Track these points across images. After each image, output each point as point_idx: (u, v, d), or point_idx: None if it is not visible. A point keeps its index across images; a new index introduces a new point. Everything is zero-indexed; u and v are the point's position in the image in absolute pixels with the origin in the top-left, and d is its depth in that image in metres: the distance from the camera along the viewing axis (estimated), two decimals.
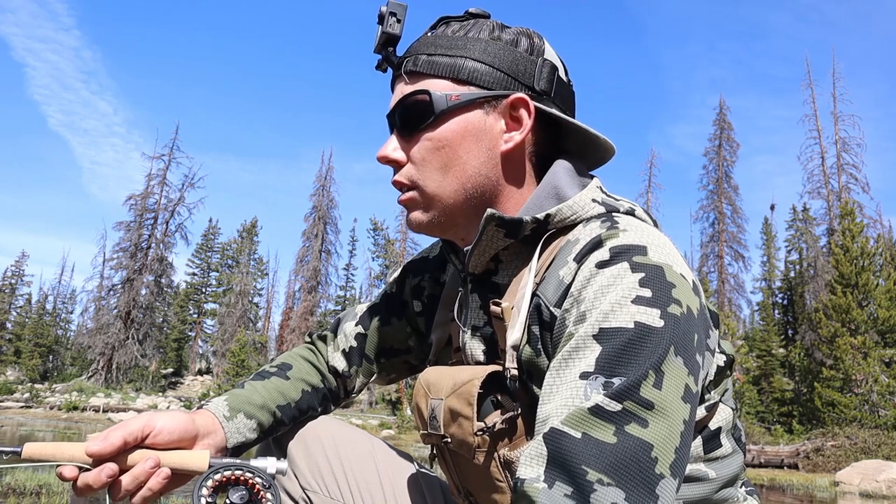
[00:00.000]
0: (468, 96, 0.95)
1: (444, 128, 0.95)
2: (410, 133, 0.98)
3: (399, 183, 1.00)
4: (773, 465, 16.28)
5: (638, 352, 0.76)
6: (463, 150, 0.95)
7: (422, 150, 0.97)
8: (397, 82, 1.00)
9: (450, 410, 0.93)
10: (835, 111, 32.49)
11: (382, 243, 42.49)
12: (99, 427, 18.21)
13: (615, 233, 0.87)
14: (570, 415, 0.74)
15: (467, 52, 0.95)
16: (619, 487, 0.69)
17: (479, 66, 0.95)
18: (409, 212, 1.01)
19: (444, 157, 0.96)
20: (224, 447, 1.04)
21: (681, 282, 0.82)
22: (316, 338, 1.30)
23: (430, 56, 0.96)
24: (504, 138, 0.97)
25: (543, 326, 0.89)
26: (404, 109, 0.97)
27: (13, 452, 0.86)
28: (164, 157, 38.41)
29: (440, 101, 0.94)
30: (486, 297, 0.99)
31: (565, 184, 0.97)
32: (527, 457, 0.74)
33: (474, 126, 0.96)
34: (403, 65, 0.98)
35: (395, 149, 0.99)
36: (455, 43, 0.96)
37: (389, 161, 1.00)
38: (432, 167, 0.96)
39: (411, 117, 0.97)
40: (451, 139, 0.95)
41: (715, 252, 35.27)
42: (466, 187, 0.96)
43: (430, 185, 0.97)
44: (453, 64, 0.95)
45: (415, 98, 0.96)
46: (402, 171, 0.99)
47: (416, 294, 1.22)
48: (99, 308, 37.42)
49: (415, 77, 0.97)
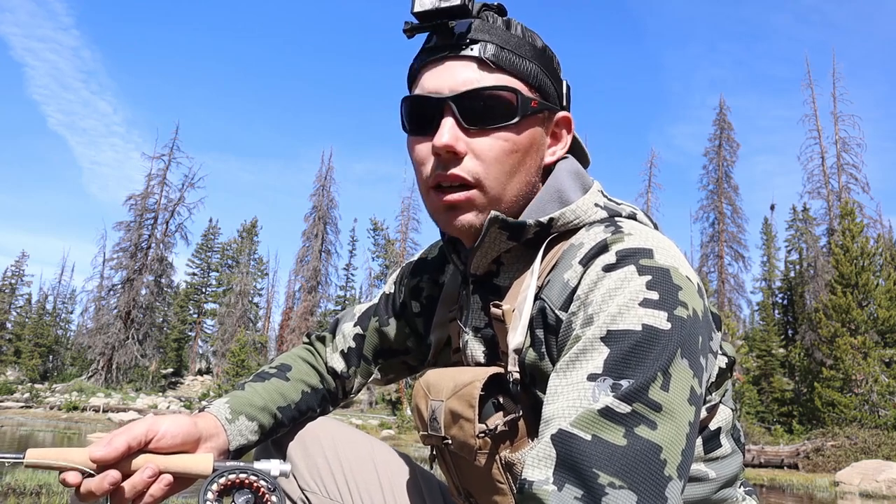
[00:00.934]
0: (543, 106, 0.94)
1: (523, 132, 0.92)
2: (481, 126, 0.90)
3: (459, 178, 0.90)
4: (773, 465, 16.26)
5: (646, 354, 0.76)
6: (528, 158, 0.94)
7: (496, 149, 0.91)
8: (458, 62, 0.90)
9: (451, 412, 0.92)
10: (835, 111, 32.51)
11: (382, 243, 42.50)
12: (99, 427, 18.20)
13: (620, 236, 0.87)
14: (579, 416, 0.74)
15: (534, 58, 0.93)
16: (631, 490, 0.69)
17: (544, 76, 0.94)
18: (460, 213, 0.92)
19: (514, 161, 0.92)
20: (226, 450, 1.04)
21: (686, 284, 0.83)
22: (314, 339, 1.30)
23: (502, 49, 0.90)
24: (550, 151, 0.98)
25: (548, 330, 0.89)
26: (483, 100, 0.89)
27: (16, 459, 0.86)
28: (164, 157, 38.44)
29: (525, 105, 0.91)
30: (487, 299, 0.99)
31: (568, 188, 0.97)
32: (534, 458, 0.74)
33: (538, 136, 0.95)
34: (481, 49, 0.90)
35: (458, 138, 0.89)
36: (517, 42, 0.92)
37: (452, 151, 0.89)
38: (501, 169, 0.91)
39: (489, 111, 0.90)
40: (524, 145, 0.93)
41: (715, 252, 35.27)
42: (520, 195, 0.95)
43: (497, 188, 0.92)
44: (528, 68, 0.93)
45: (499, 93, 0.89)
46: (464, 166, 0.90)
47: (414, 295, 1.22)
48: (99, 308, 37.43)
49: (492, 68, 0.90)
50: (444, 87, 0.90)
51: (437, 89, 0.91)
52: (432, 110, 0.91)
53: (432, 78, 0.92)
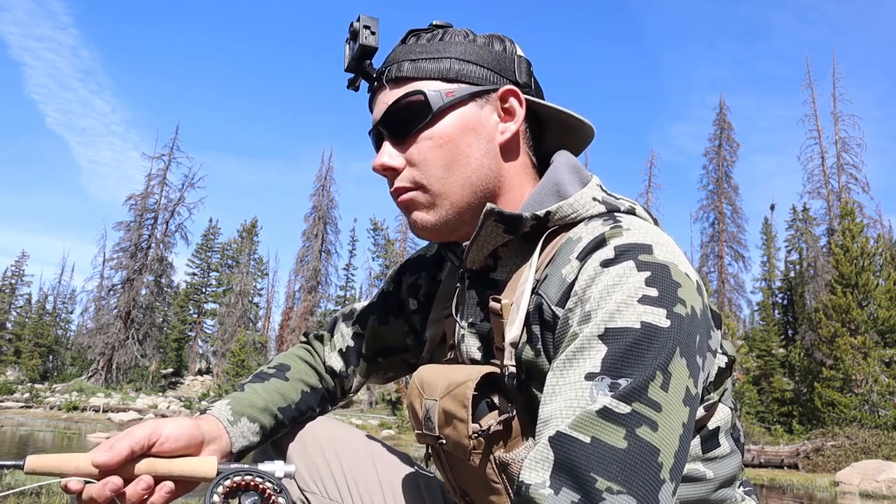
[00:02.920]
0: (462, 91, 0.95)
1: (443, 124, 0.94)
2: (405, 136, 0.96)
3: (402, 188, 0.97)
4: (773, 465, 16.27)
5: (645, 352, 0.75)
6: (465, 144, 0.95)
7: (422, 150, 0.95)
8: (379, 92, 0.98)
9: (444, 412, 0.92)
10: (835, 111, 32.49)
11: (382, 243, 42.49)
12: (99, 427, 18.20)
13: (619, 231, 0.86)
14: (577, 418, 0.73)
15: (449, 54, 0.96)
16: (629, 494, 0.69)
17: (464, 64, 0.96)
18: (412, 213, 0.97)
19: (446, 153, 0.94)
20: (229, 452, 1.04)
21: (686, 281, 0.82)
22: (312, 338, 1.30)
23: (413, 62, 0.95)
24: (500, 129, 0.97)
25: (545, 326, 0.88)
26: (396, 114, 0.95)
27: (16, 465, 0.85)
28: (164, 157, 38.43)
29: (436, 99, 0.94)
30: (484, 294, 0.99)
31: (566, 181, 0.96)
32: (531, 460, 0.74)
33: (472, 119, 0.96)
34: (386, 73, 0.97)
35: (392, 155, 0.97)
36: (434, 48, 0.96)
37: (388, 169, 0.97)
38: (435, 165, 0.95)
39: (405, 120, 0.95)
40: (453, 134, 0.95)
41: (715, 252, 35.26)
42: (472, 181, 0.95)
43: (435, 184, 0.95)
44: (439, 65, 0.95)
45: (408, 100, 0.94)
46: (403, 176, 0.97)
47: (412, 292, 1.21)
48: (99, 308, 37.41)
49: (401, 82, 0.96)
50: (376, 116, 1.00)
51: (374, 119, 1.00)
52: (376, 139, 1.01)
53: (372, 113, 1.02)
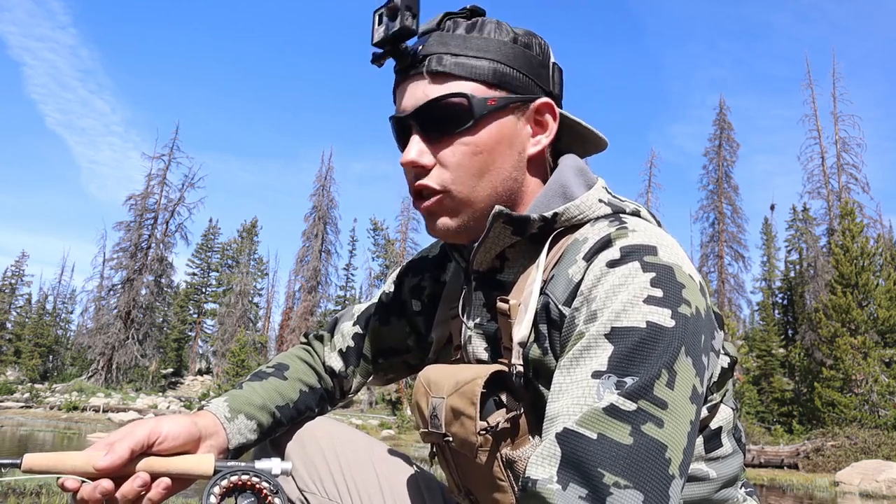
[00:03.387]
0: (503, 101, 0.94)
1: (482, 133, 0.93)
2: (440, 136, 0.94)
3: (429, 190, 0.95)
4: (773, 465, 16.28)
5: (650, 351, 0.76)
6: (498, 156, 0.94)
7: (457, 155, 0.93)
8: (414, 81, 0.94)
9: (452, 409, 0.92)
10: (835, 111, 32.52)
11: (382, 243, 42.53)
12: (99, 427, 18.21)
13: (624, 232, 0.87)
14: (584, 415, 0.74)
15: (491, 55, 0.93)
16: (637, 489, 0.70)
17: (506, 69, 0.94)
18: (436, 217, 0.96)
19: (480, 162, 0.93)
20: (226, 448, 1.04)
21: (689, 282, 0.83)
22: (312, 338, 1.30)
23: (454, 56, 0.92)
24: (531, 142, 0.98)
25: (552, 325, 0.89)
26: (435, 112, 0.93)
27: (12, 464, 0.84)
28: (164, 157, 38.44)
29: (480, 106, 0.92)
30: (491, 295, 0.99)
31: (572, 183, 0.97)
32: (538, 456, 0.75)
33: (508, 131, 0.95)
34: (426, 63, 0.93)
35: (423, 153, 0.94)
36: (476, 44, 0.93)
37: (417, 166, 0.94)
38: (468, 172, 0.93)
39: (443, 120, 0.93)
40: (489, 144, 0.93)
41: (715, 252, 35.28)
42: (498, 191, 0.95)
43: (465, 191, 0.94)
44: (482, 67, 0.93)
45: (449, 101, 0.92)
46: (431, 176, 0.94)
47: (415, 293, 1.21)
48: (99, 308, 37.42)
49: (442, 78, 0.92)
50: (407, 106, 0.95)
51: (403, 109, 0.96)
52: (402, 129, 0.98)
53: (400, 98, 0.97)
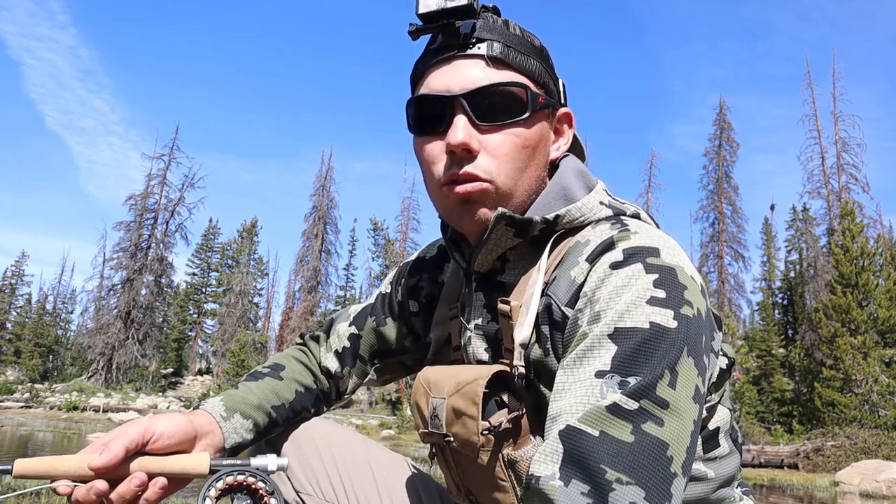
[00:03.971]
0: (548, 101, 0.96)
1: (533, 128, 0.94)
2: (492, 123, 0.91)
3: (474, 176, 0.91)
4: (773, 465, 16.27)
5: (653, 352, 0.77)
6: (538, 154, 0.96)
7: (507, 145, 0.92)
8: (466, 61, 0.91)
9: (453, 409, 0.92)
10: (835, 111, 32.50)
11: (382, 243, 42.50)
12: (99, 427, 18.21)
13: (627, 234, 0.88)
14: (587, 413, 0.75)
15: (535, 56, 0.95)
16: (638, 486, 0.70)
17: (544, 72, 0.96)
18: (476, 206, 0.92)
19: (525, 156, 0.94)
20: (222, 447, 1.04)
21: (691, 284, 0.84)
22: (308, 338, 1.30)
23: (508, 48, 0.92)
24: (554, 146, 1.01)
25: (554, 326, 0.90)
26: (492, 96, 0.91)
27: (3, 471, 0.84)
28: (164, 157, 38.42)
29: (534, 101, 0.93)
30: (492, 296, 1.00)
31: (573, 185, 0.98)
32: (541, 454, 0.75)
33: (546, 132, 0.98)
34: (488, 49, 0.91)
35: (472, 136, 0.91)
36: (521, 42, 0.95)
37: (467, 149, 0.90)
38: (513, 165, 0.93)
39: (499, 107, 0.91)
40: (535, 140, 0.95)
41: (715, 252, 35.27)
42: (531, 189, 0.96)
43: (509, 183, 0.93)
44: (533, 65, 0.95)
45: (509, 89, 0.91)
46: (478, 164, 0.91)
47: (412, 294, 1.21)
48: (99, 308, 37.41)
49: (500, 65, 0.92)
50: (455, 86, 0.91)
51: (447, 88, 0.91)
52: (442, 109, 0.92)
53: (440, 77, 0.92)
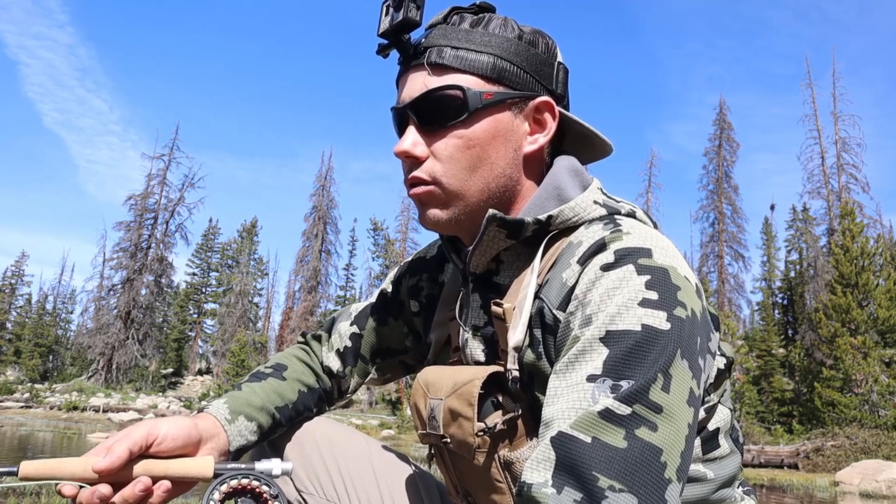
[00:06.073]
0: (500, 96, 0.93)
1: (476, 126, 0.93)
2: (434, 128, 0.93)
3: (420, 180, 0.95)
4: (773, 465, 16.27)
5: (646, 355, 0.75)
6: (492, 150, 0.94)
7: (450, 147, 0.93)
8: (414, 72, 0.95)
9: (450, 410, 0.92)
10: (835, 111, 32.50)
11: (382, 243, 42.48)
12: (99, 427, 18.21)
13: (619, 235, 0.87)
14: (579, 419, 0.73)
15: (493, 50, 0.93)
16: (631, 493, 0.69)
17: (506, 65, 0.93)
18: (426, 208, 0.96)
19: (473, 156, 0.93)
20: (227, 450, 1.03)
21: (685, 284, 0.82)
22: (310, 338, 1.29)
23: (455, 49, 0.92)
24: (528, 140, 0.97)
25: (546, 330, 0.89)
26: (431, 103, 0.92)
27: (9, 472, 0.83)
28: (164, 157, 38.46)
29: (474, 99, 0.92)
30: (487, 298, 0.99)
31: (567, 184, 0.96)
32: (533, 461, 0.74)
33: (504, 126, 0.94)
34: (427, 55, 0.93)
35: (416, 144, 0.94)
36: (479, 38, 0.93)
37: (410, 156, 0.94)
38: (459, 165, 0.93)
39: (439, 112, 0.92)
40: (483, 138, 0.93)
41: (715, 252, 35.27)
42: (490, 187, 0.95)
43: (455, 184, 0.93)
44: (482, 61, 0.92)
45: (445, 93, 0.92)
46: (423, 167, 0.94)
47: (413, 294, 1.21)
48: (99, 308, 37.45)
49: (441, 70, 0.93)
50: (406, 97, 0.96)
51: (402, 99, 0.96)
52: (401, 119, 0.98)
53: (400, 89, 0.98)
